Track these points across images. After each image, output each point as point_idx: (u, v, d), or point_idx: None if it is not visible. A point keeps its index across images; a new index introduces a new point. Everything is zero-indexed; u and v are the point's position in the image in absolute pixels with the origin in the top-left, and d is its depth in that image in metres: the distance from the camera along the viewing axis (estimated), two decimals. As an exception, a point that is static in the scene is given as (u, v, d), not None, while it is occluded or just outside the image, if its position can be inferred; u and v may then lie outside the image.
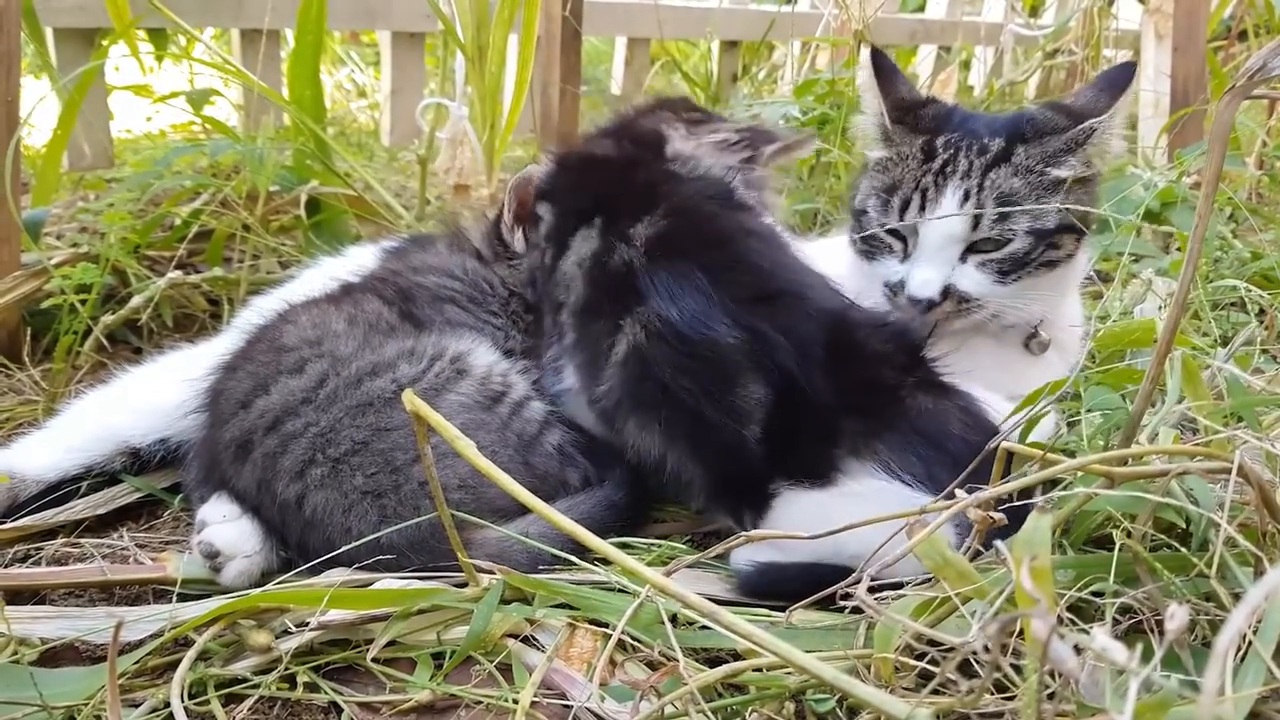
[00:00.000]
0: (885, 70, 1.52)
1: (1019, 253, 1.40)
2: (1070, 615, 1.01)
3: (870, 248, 1.47)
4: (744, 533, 1.09)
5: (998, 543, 0.91)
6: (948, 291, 1.41)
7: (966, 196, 1.39)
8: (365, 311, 1.39)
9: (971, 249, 1.43)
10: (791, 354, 1.22)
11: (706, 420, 1.24)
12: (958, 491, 1.01)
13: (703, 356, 1.24)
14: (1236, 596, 0.95)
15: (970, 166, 1.41)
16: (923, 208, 1.43)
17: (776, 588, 1.17)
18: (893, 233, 1.46)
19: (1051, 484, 1.10)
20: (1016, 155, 1.41)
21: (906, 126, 1.48)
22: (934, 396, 1.24)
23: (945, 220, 1.40)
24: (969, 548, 0.99)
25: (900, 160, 1.46)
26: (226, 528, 1.23)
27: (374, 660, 1.07)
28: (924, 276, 1.41)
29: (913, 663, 0.96)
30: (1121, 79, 1.46)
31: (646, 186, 1.42)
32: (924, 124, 1.48)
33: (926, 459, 1.18)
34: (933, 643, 0.95)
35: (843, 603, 1.00)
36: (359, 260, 1.68)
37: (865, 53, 1.51)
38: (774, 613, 1.13)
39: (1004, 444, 1.07)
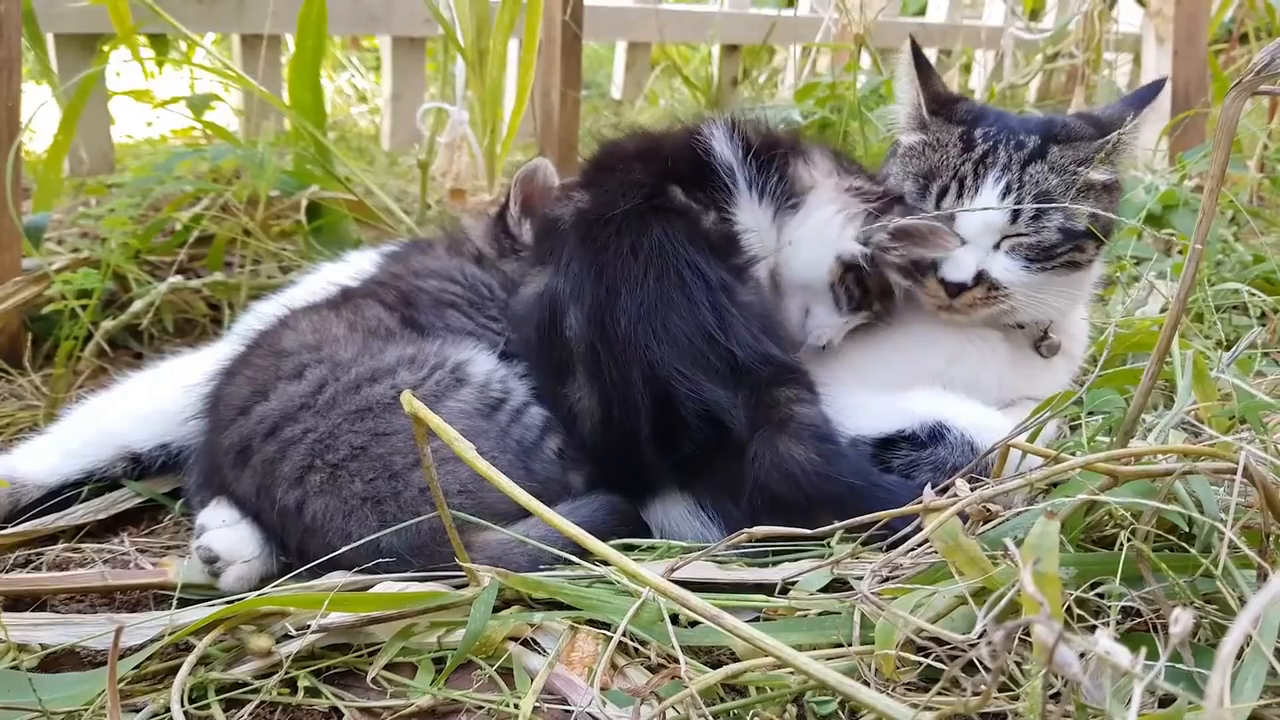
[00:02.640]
0: (923, 64, 1.54)
1: (1048, 243, 1.42)
2: (1073, 612, 1.00)
3: None
4: (747, 529, 1.08)
5: (1006, 541, 0.91)
6: (980, 277, 1.42)
7: (1008, 189, 1.41)
8: (365, 317, 1.38)
9: (1004, 238, 1.44)
10: (617, 392, 1.28)
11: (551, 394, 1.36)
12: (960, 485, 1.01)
13: (549, 336, 1.34)
14: (1239, 599, 0.95)
15: (1010, 159, 1.43)
16: (960, 195, 1.44)
17: None
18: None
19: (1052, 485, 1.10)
20: (1051, 154, 1.43)
21: (943, 118, 1.51)
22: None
23: (984, 209, 1.42)
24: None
25: (938, 146, 1.48)
26: (225, 533, 1.23)
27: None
28: (958, 259, 1.42)
29: (916, 659, 0.95)
30: (1147, 95, 1.49)
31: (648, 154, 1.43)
32: (959, 117, 1.51)
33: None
34: (937, 638, 0.94)
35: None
36: (359, 265, 1.68)
37: (906, 45, 1.53)
38: (772, 598, 1.13)
39: (1011, 443, 1.07)
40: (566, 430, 1.34)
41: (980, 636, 0.84)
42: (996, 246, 1.43)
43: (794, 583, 1.15)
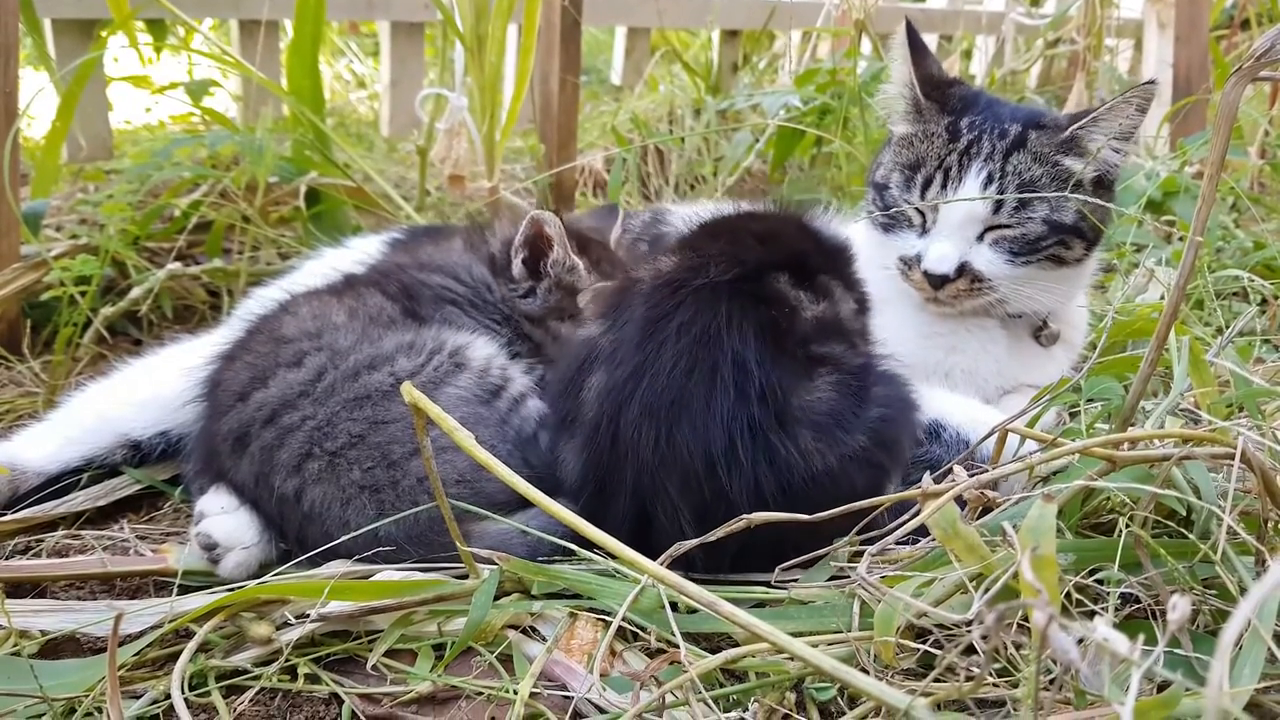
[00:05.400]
0: (919, 46, 1.54)
1: (1032, 235, 1.41)
2: (1072, 598, 1.01)
3: (890, 220, 1.49)
4: (744, 516, 1.07)
5: (1005, 524, 0.91)
6: (963, 269, 1.41)
7: (990, 179, 1.40)
8: (367, 305, 1.38)
9: (988, 229, 1.44)
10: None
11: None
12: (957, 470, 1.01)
13: (569, 386, 1.25)
14: (1238, 585, 0.95)
15: (993, 149, 1.42)
16: (944, 186, 1.43)
17: None
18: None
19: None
20: (1031, 140, 1.43)
21: (935, 103, 1.50)
22: None
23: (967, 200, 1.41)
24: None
25: (925, 138, 1.48)
26: (224, 519, 1.23)
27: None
28: (941, 252, 1.42)
29: (914, 645, 0.96)
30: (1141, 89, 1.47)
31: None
32: (951, 103, 1.50)
33: None
34: (937, 624, 0.94)
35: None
36: (364, 250, 1.67)
37: (901, 27, 1.53)
38: (771, 589, 1.13)
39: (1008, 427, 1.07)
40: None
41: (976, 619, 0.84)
42: (980, 239, 1.43)
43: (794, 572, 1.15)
